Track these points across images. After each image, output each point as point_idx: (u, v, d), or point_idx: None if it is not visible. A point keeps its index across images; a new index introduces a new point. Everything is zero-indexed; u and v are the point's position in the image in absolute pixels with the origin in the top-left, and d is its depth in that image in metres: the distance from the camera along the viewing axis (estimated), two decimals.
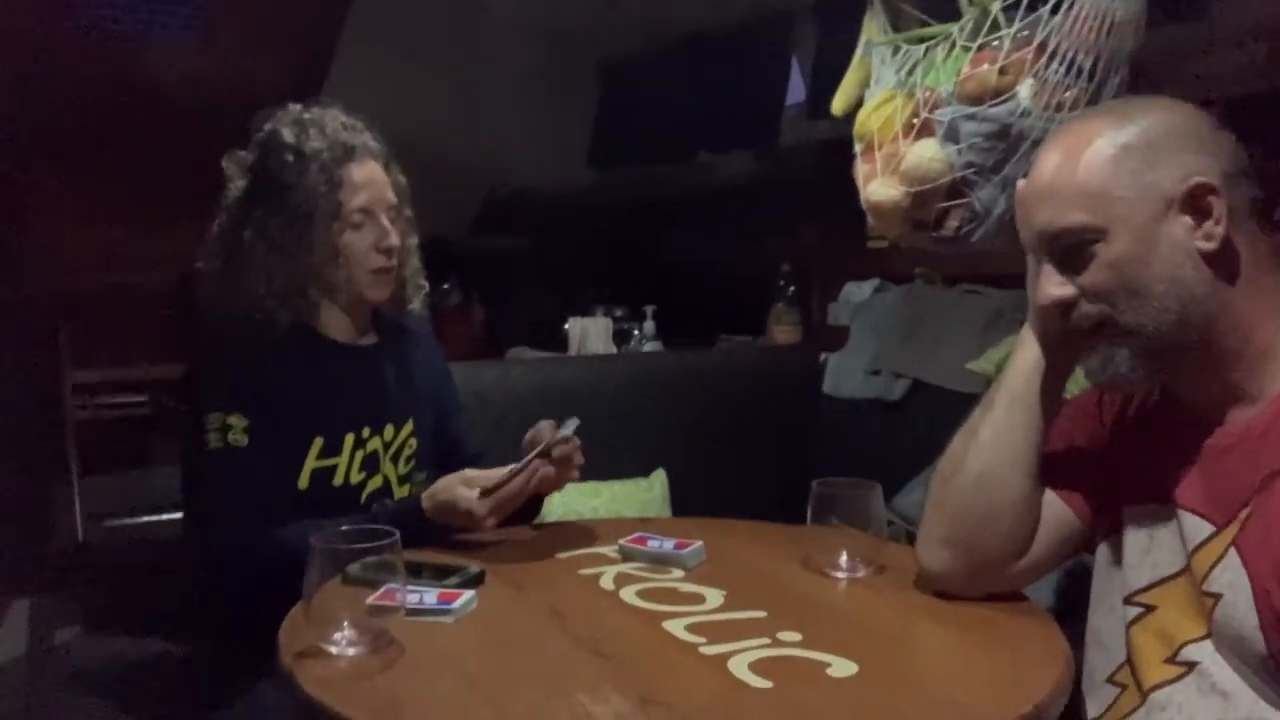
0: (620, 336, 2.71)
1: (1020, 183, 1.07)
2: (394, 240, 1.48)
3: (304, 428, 1.44)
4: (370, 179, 1.47)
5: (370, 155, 1.48)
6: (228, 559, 1.39)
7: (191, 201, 1.54)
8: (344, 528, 1.05)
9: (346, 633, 1.00)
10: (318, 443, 1.45)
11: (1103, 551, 1.12)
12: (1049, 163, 1.03)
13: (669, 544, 1.33)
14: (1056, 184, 1.01)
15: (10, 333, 3.06)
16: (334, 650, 0.99)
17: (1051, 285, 1.02)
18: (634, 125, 3.34)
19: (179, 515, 2.37)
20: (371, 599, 1.01)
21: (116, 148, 2.96)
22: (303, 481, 1.44)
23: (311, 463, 1.44)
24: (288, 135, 1.46)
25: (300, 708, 0.92)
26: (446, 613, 1.10)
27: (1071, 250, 1.01)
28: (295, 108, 1.50)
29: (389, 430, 1.53)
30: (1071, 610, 1.52)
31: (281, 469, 1.42)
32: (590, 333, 2.66)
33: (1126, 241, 0.98)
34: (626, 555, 1.33)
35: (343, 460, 1.47)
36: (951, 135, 1.36)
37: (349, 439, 1.47)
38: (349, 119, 1.50)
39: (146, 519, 2.94)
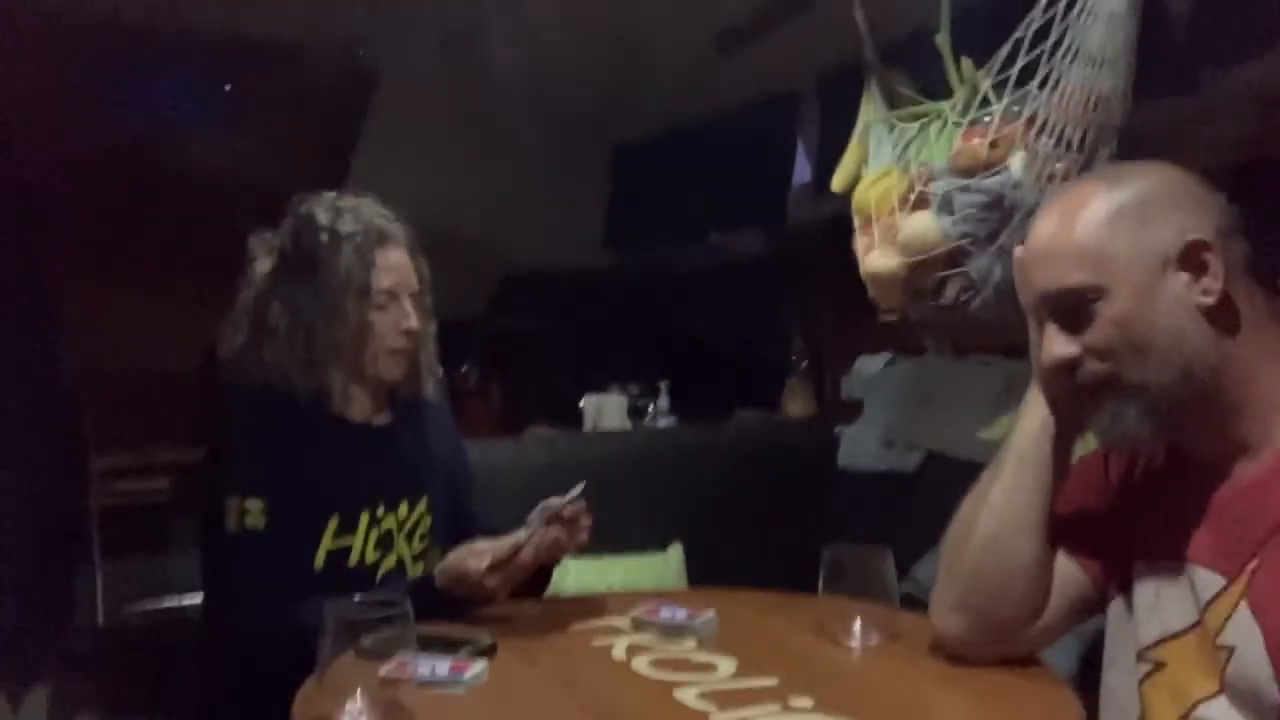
0: (635, 412, 2.74)
1: (1018, 249, 1.09)
2: (414, 323, 1.53)
3: (320, 506, 1.46)
4: (398, 264, 1.53)
5: (399, 242, 1.54)
6: (248, 639, 1.40)
7: (215, 286, 1.60)
8: (357, 598, 1.07)
9: (359, 704, 1.00)
10: (333, 522, 1.47)
11: (1115, 608, 1.11)
12: (1046, 226, 1.05)
13: (682, 614, 1.33)
14: (1055, 246, 1.03)
15: (36, 415, 3.11)
16: None
17: (1056, 345, 1.04)
18: (647, 206, 3.41)
19: (199, 599, 2.39)
20: (384, 670, 1.02)
21: (143, 232, 3.04)
22: (318, 563, 1.46)
23: (328, 543, 1.46)
24: (323, 217, 1.52)
25: None
26: (458, 683, 1.11)
27: (1073, 310, 1.02)
28: (330, 195, 1.57)
29: (403, 507, 1.55)
30: (1092, 671, 1.51)
31: (298, 550, 1.44)
32: (605, 409, 2.69)
33: (1127, 299, 1.00)
34: (639, 626, 1.34)
35: (358, 539, 1.49)
36: (946, 207, 1.41)
37: (364, 517, 1.49)
38: (382, 209, 1.57)
39: (167, 604, 2.95)
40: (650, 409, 2.74)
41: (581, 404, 2.73)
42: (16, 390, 3.10)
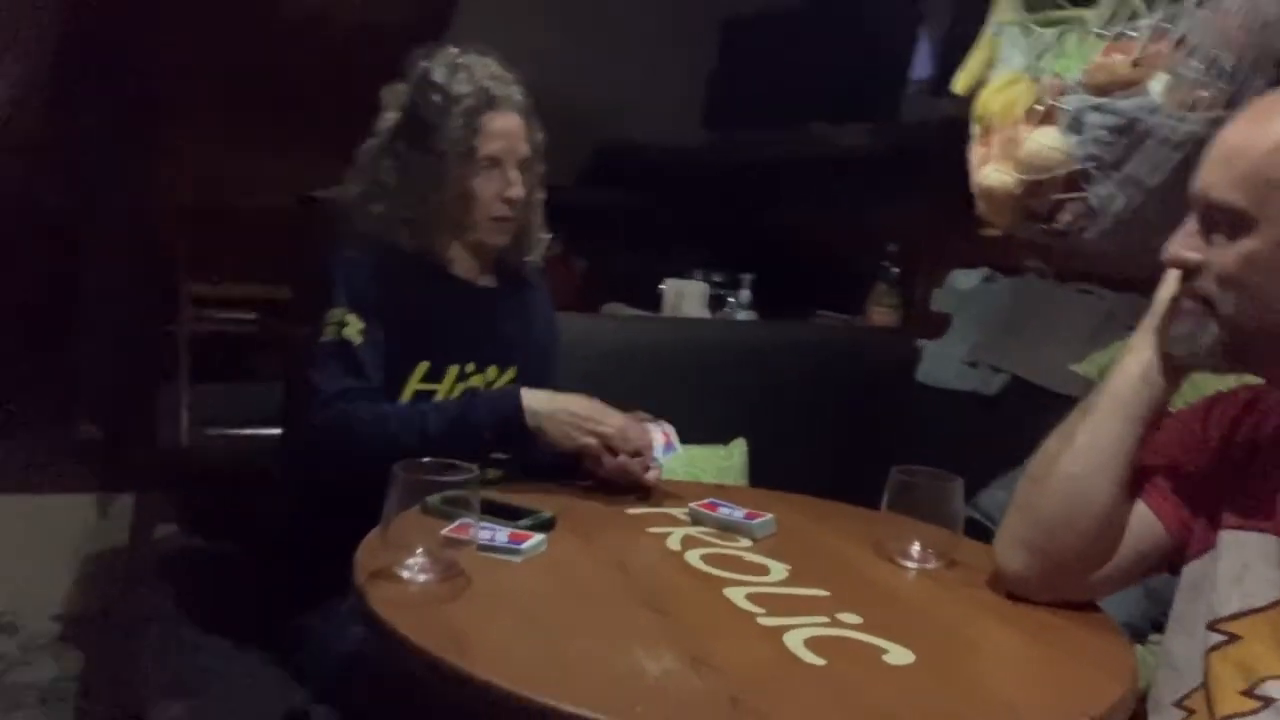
0: (715, 302, 2.70)
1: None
2: (517, 192, 1.52)
3: (413, 349, 1.49)
4: (506, 130, 1.51)
5: (512, 107, 1.52)
6: (328, 429, 1.40)
7: (313, 131, 1.60)
8: (426, 460, 1.08)
9: (419, 559, 1.03)
10: (423, 366, 1.50)
11: (1190, 572, 1.08)
12: (1243, 129, 0.98)
13: (739, 513, 1.33)
14: (1234, 154, 0.96)
15: (135, 240, 3.21)
16: (406, 575, 1.03)
17: (1182, 246, 1.00)
18: (751, 88, 3.30)
19: (277, 431, 2.48)
20: (446, 530, 1.04)
21: (246, 76, 3.06)
22: (404, 398, 1.49)
23: (414, 384, 1.50)
24: (439, 75, 1.51)
25: (370, 627, 0.96)
26: (516, 552, 1.13)
27: (1217, 224, 0.97)
28: (452, 50, 1.55)
29: (492, 370, 1.57)
30: (1147, 629, 1.49)
31: (386, 374, 1.47)
32: (685, 295, 2.65)
33: (1268, 242, 0.94)
34: (696, 519, 1.34)
35: (443, 388, 1.52)
36: (1075, 126, 1.31)
37: (452, 370, 1.52)
38: (500, 70, 1.54)
39: (247, 431, 3.07)
40: (731, 300, 2.70)
41: (662, 287, 2.70)
42: (117, 212, 3.19)
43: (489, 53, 1.56)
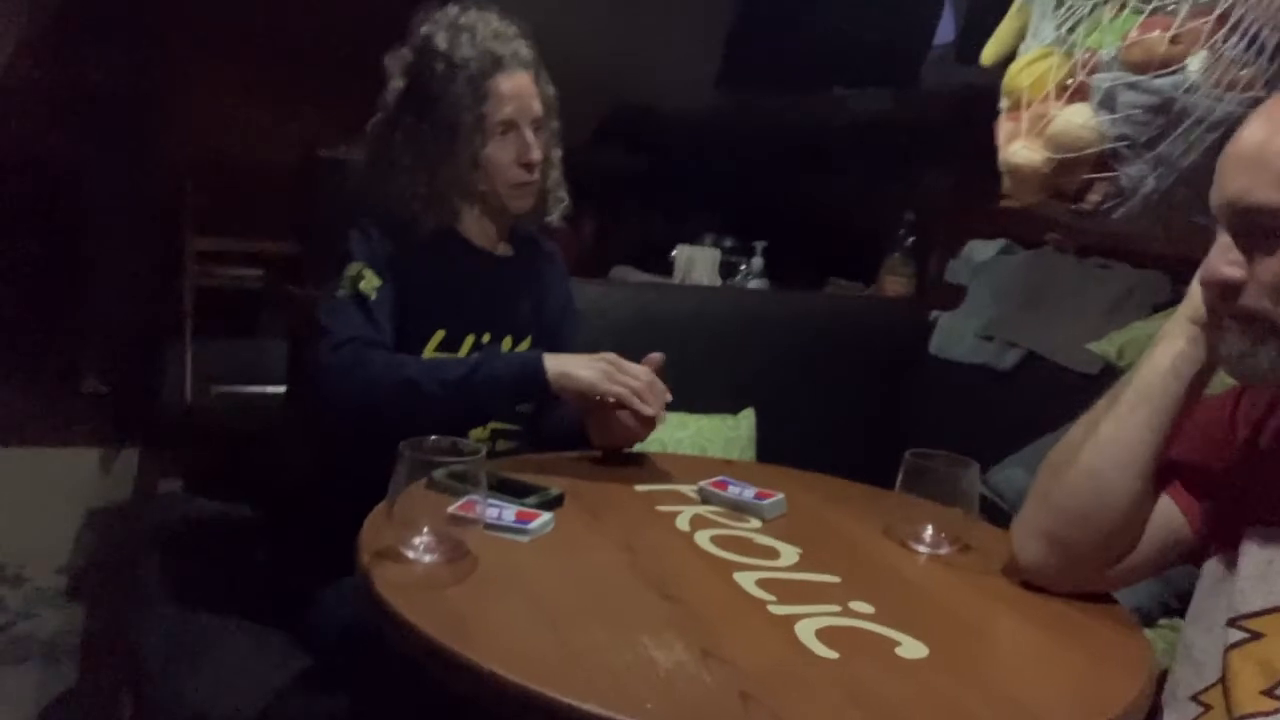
0: (727, 269, 2.67)
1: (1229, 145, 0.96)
2: (536, 154, 1.48)
3: (429, 317, 1.46)
4: (517, 91, 1.46)
5: (520, 65, 1.47)
6: (341, 369, 1.34)
7: (321, 86, 1.56)
8: (434, 438, 1.06)
9: (425, 538, 1.02)
10: (439, 334, 1.47)
11: (1212, 567, 1.05)
12: (1261, 128, 0.92)
13: (750, 492, 1.31)
14: (1265, 154, 0.91)
15: (141, 194, 3.18)
16: (411, 555, 1.01)
17: (1222, 263, 0.93)
18: (769, 50, 3.23)
19: (282, 389, 2.46)
20: (452, 508, 1.02)
21: (255, 31, 3.02)
22: None
23: (430, 352, 1.47)
24: (441, 41, 1.45)
25: (373, 607, 0.95)
26: (523, 532, 1.11)
27: (1257, 231, 0.91)
28: (453, 10, 1.49)
29: (507, 341, 1.54)
30: (1159, 613, 1.47)
31: (402, 341, 1.43)
32: (697, 262, 2.62)
33: None
34: (705, 498, 1.32)
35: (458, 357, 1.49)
36: (1107, 103, 1.27)
37: (469, 339, 1.50)
38: (503, 25, 1.48)
39: (252, 388, 3.05)
40: (743, 268, 2.66)
41: (674, 253, 2.66)
42: (125, 166, 3.16)
43: (489, 7, 1.50)
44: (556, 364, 1.34)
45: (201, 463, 2.68)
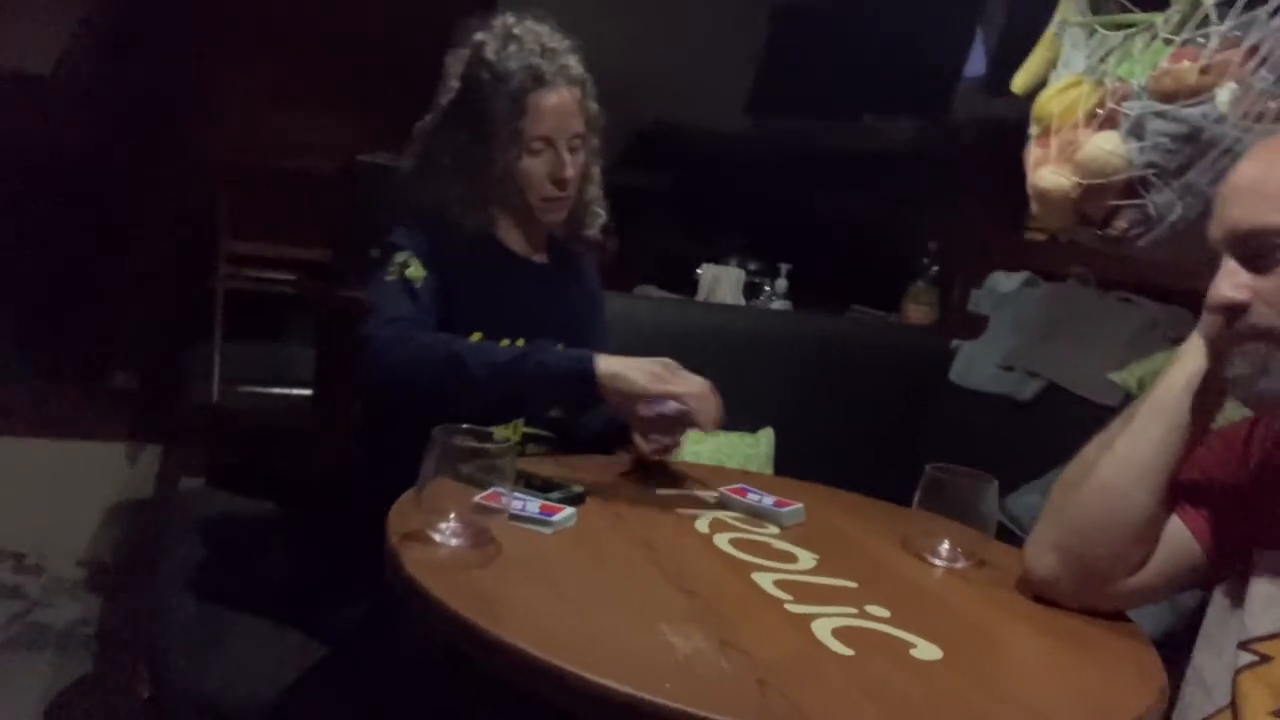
0: (751, 290, 2.69)
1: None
2: (568, 172, 1.48)
3: (467, 317, 1.47)
4: (557, 108, 1.46)
5: (565, 81, 1.47)
6: (390, 340, 1.35)
7: (359, 92, 1.59)
8: (465, 426, 1.09)
9: (451, 524, 1.04)
10: (476, 337, 1.47)
11: (1223, 591, 1.06)
12: (1256, 163, 0.98)
13: (769, 499, 1.33)
14: (1260, 182, 0.96)
15: (176, 195, 3.23)
16: (438, 539, 1.03)
17: (1226, 286, 0.97)
18: (800, 76, 3.26)
19: (308, 391, 2.50)
20: (478, 497, 1.05)
21: (292, 38, 3.07)
22: None
23: None
24: (490, 50, 1.47)
25: (400, 588, 0.97)
26: (546, 524, 1.13)
27: (1259, 252, 0.95)
28: (509, 19, 1.50)
29: None
30: (1173, 642, 1.47)
31: (440, 329, 1.43)
32: (721, 281, 2.64)
33: None
34: (725, 503, 1.34)
35: None
36: (1136, 131, 1.29)
37: (504, 344, 1.51)
38: (554, 39, 1.49)
39: (277, 390, 3.09)
40: (767, 289, 2.68)
41: (699, 272, 2.69)
42: (162, 166, 3.22)
43: (545, 18, 1.51)
44: (609, 365, 1.31)
45: (224, 460, 2.72)
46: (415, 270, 1.42)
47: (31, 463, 2.81)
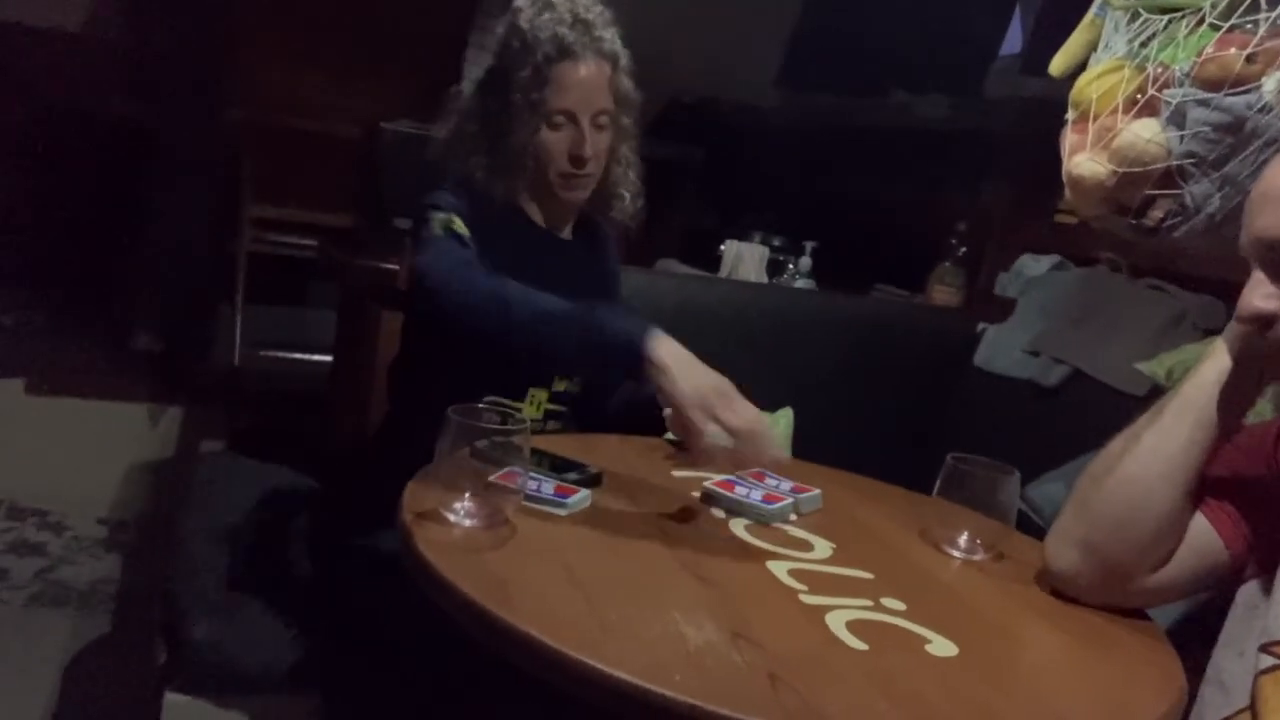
0: (774, 268, 2.66)
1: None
2: (587, 150, 1.44)
3: None
4: (583, 81, 1.42)
5: (594, 55, 1.42)
6: (447, 277, 1.32)
7: (383, 62, 1.57)
8: (483, 405, 1.08)
9: (466, 503, 1.03)
10: None
11: (1246, 592, 1.04)
12: None
13: (786, 485, 1.31)
14: None
15: (201, 159, 3.23)
16: (451, 518, 1.03)
17: (1256, 297, 0.95)
18: (832, 51, 3.21)
19: (328, 357, 2.50)
20: (493, 477, 1.04)
21: (320, 2, 3.05)
22: None
23: None
24: (524, 18, 1.43)
25: (412, 565, 0.96)
26: (561, 505, 1.13)
27: None
28: None
29: None
30: (1191, 643, 1.45)
31: None
32: (745, 258, 2.61)
33: None
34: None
35: None
36: (1177, 119, 1.25)
37: None
38: (590, 11, 1.45)
39: (298, 355, 3.10)
40: (791, 267, 2.65)
41: (722, 248, 2.66)
42: (188, 129, 3.21)
43: None
44: (664, 355, 1.16)
45: (245, 424, 2.73)
46: (460, 227, 1.38)
47: (55, 421, 2.84)
